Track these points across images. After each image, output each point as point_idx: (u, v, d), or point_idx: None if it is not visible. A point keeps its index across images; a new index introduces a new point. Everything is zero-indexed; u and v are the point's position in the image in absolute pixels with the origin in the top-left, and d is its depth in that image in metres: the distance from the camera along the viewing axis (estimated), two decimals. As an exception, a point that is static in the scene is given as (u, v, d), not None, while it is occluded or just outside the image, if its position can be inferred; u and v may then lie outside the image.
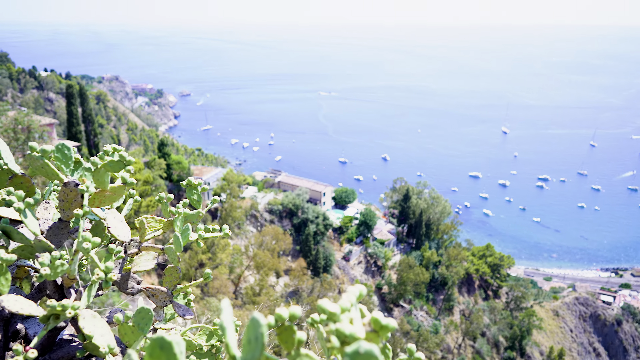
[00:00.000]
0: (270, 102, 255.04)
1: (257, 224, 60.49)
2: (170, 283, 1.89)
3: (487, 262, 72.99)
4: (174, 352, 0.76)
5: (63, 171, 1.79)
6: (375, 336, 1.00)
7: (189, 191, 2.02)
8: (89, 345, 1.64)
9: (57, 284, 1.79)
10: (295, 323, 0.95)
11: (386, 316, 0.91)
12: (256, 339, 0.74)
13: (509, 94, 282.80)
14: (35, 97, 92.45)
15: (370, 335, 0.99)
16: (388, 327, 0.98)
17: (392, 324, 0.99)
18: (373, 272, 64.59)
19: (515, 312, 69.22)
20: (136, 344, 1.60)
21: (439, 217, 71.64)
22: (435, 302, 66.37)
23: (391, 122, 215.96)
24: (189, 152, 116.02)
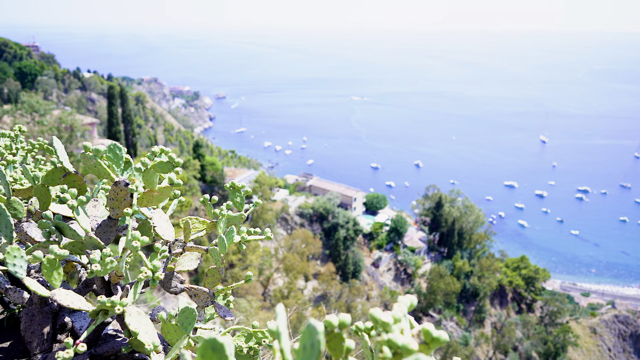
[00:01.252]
0: (303, 105, 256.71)
1: (288, 227, 60.85)
2: (212, 284, 1.92)
3: (521, 274, 70.97)
4: (226, 354, 0.77)
5: (114, 171, 1.84)
6: (426, 348, 1.00)
7: (232, 194, 2.04)
8: (134, 341, 1.65)
9: (104, 280, 1.84)
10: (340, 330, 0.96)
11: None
12: (312, 346, 0.75)
13: (548, 101, 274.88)
14: (79, 97, 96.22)
15: (421, 347, 0.99)
16: (439, 340, 0.97)
17: (444, 337, 0.98)
18: (402, 279, 63.83)
19: (549, 327, 66.92)
20: (179, 343, 1.63)
21: (472, 227, 70.20)
22: (465, 313, 64.96)
23: (425, 129, 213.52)
24: (223, 154, 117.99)
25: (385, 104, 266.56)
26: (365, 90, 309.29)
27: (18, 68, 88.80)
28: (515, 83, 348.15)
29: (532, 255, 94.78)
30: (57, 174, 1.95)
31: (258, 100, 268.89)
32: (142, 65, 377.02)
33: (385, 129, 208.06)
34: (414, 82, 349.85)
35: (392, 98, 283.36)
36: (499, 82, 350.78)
